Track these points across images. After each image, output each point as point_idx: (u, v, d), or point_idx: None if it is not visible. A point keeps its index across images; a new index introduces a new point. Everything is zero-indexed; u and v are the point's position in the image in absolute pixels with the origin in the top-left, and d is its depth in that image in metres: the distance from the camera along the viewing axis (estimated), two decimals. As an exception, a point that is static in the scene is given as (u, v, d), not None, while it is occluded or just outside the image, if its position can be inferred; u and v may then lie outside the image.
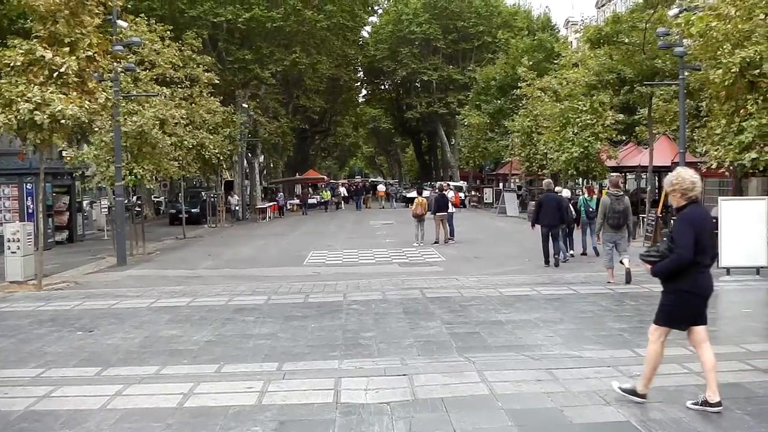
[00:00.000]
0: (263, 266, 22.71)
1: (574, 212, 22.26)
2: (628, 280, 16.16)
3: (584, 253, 22.84)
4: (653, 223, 24.97)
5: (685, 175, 7.38)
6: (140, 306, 14.87)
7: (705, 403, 7.30)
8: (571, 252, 22.41)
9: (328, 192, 65.06)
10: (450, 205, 29.38)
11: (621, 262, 16.55)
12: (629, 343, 10.33)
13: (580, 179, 36.96)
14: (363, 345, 10.79)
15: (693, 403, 7.39)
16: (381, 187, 76.46)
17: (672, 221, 10.33)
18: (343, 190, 72.95)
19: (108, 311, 14.40)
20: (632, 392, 7.65)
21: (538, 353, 9.96)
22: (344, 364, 9.60)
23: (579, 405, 7.57)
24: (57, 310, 14.65)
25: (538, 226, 20.48)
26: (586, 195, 24.45)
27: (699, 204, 7.51)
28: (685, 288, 7.31)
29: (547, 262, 20.29)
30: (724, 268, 17.23)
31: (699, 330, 7.50)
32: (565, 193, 24.50)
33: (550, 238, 20.37)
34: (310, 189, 69.22)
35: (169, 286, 18.27)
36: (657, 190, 34.44)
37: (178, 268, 22.77)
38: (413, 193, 52.44)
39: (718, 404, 7.22)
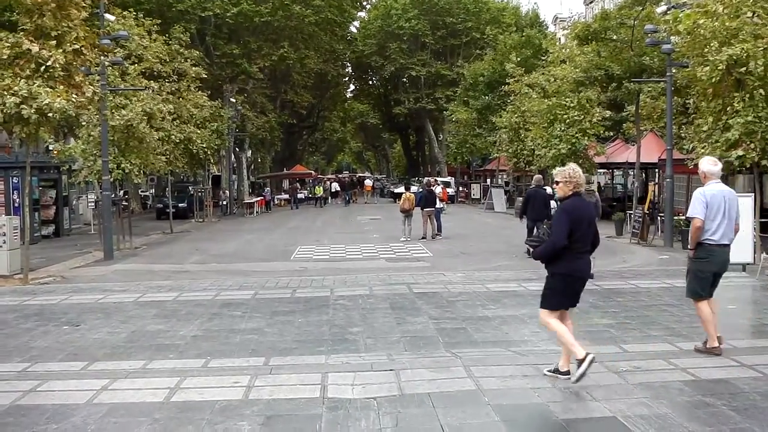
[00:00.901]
0: (250, 261, 22.69)
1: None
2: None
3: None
4: (640, 219, 25.05)
5: (579, 170, 8.19)
6: (127, 300, 14.83)
7: (556, 371, 8.29)
8: None
9: (321, 187, 64.90)
10: (438, 200, 29.41)
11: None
12: (615, 339, 10.36)
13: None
14: (350, 340, 10.79)
15: (547, 371, 8.40)
16: (368, 182, 76.53)
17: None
18: (335, 185, 72.77)
19: (94, 306, 14.36)
20: (556, 371, 8.32)
21: (525, 349, 9.98)
22: (331, 359, 9.60)
23: (565, 400, 7.60)
24: (43, 305, 14.59)
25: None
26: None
27: (581, 196, 8.17)
28: (562, 271, 8.10)
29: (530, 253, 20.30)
30: (711, 264, 17.29)
31: (566, 311, 8.39)
32: (550, 189, 24.67)
33: (535, 231, 20.39)
34: (297, 184, 69.10)
35: (156, 280, 18.22)
36: (644, 187, 34.57)
37: (165, 263, 22.72)
38: (401, 189, 52.45)
39: (567, 372, 8.13)
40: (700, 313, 9.31)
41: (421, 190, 30.92)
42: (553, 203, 22.37)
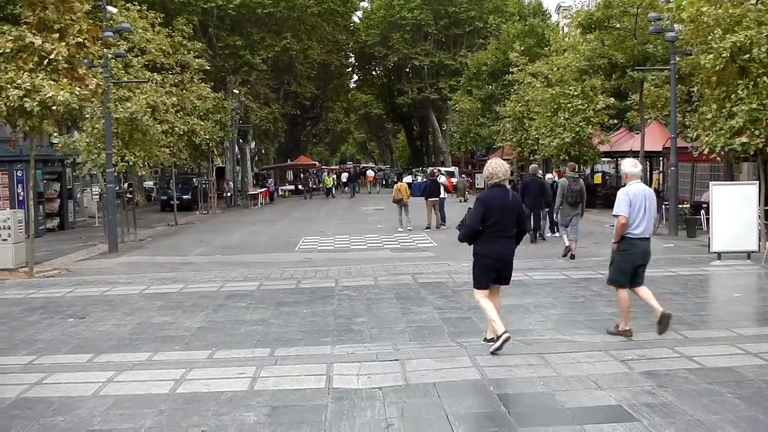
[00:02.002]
0: (255, 252, 22.71)
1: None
2: (571, 256, 18.44)
3: (551, 229, 24.20)
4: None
5: (500, 167, 9.20)
6: (132, 293, 14.86)
7: (485, 340, 9.42)
8: (556, 234, 23.14)
9: (330, 178, 64.74)
10: (442, 190, 29.39)
11: (573, 240, 18.96)
12: (620, 328, 10.34)
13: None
14: (355, 330, 10.79)
15: (484, 340, 9.50)
16: (370, 173, 76.48)
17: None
18: (344, 176, 72.70)
19: (100, 298, 14.38)
20: (486, 339, 9.38)
21: (530, 338, 9.98)
22: (336, 350, 9.61)
23: (570, 389, 7.60)
24: (48, 298, 14.63)
25: None
26: (556, 177, 26.10)
27: (501, 187, 9.15)
28: (478, 251, 9.21)
29: (533, 239, 22.54)
30: (715, 252, 17.29)
31: (495, 288, 9.39)
32: (549, 176, 26.39)
33: (533, 218, 22.56)
34: (309, 174, 69.25)
35: (160, 272, 18.25)
36: (649, 177, 34.53)
37: (169, 255, 22.75)
38: (407, 179, 52.40)
39: (493, 339, 9.12)
40: (619, 299, 10.05)
41: (425, 180, 30.96)
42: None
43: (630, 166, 10.26)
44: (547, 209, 23.33)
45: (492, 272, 9.23)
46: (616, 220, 9.91)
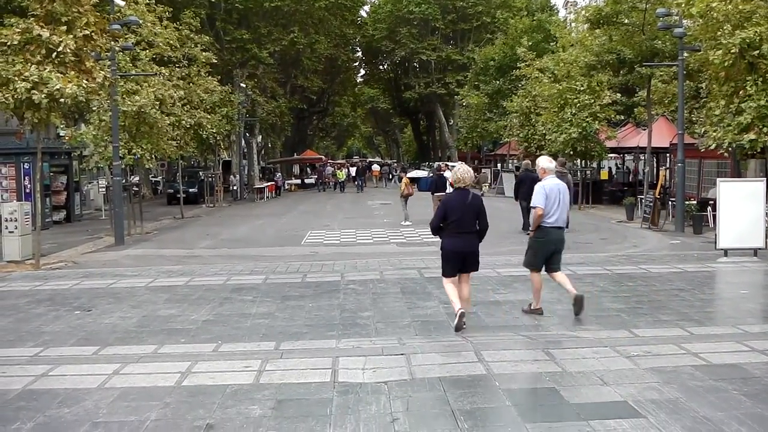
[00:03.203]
0: (261, 246, 22.72)
1: None
2: None
3: None
4: (651, 204, 24.97)
5: (465, 173, 10.41)
6: (138, 285, 14.87)
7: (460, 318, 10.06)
8: None
9: (343, 172, 64.72)
10: (449, 185, 29.39)
11: None
12: (627, 324, 10.34)
13: (579, 159, 36.93)
14: (360, 325, 10.80)
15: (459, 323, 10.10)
16: (375, 167, 76.57)
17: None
18: (353, 170, 72.75)
19: (106, 290, 14.40)
20: (455, 316, 10.11)
21: (536, 333, 9.98)
22: (342, 344, 9.62)
23: (576, 385, 7.59)
24: (55, 290, 14.65)
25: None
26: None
27: (464, 190, 10.35)
28: (442, 245, 10.53)
29: (525, 230, 23.02)
30: (722, 249, 17.26)
31: (464, 275, 10.53)
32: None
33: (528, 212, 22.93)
34: (323, 168, 69.57)
35: (166, 265, 18.27)
36: (655, 172, 34.48)
37: (175, 248, 22.77)
38: (413, 173, 52.43)
39: (462, 311, 10.03)
40: (532, 281, 11.36)
41: (431, 175, 30.96)
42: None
43: (546, 162, 11.41)
44: None
45: (456, 263, 10.42)
46: (533, 211, 11.03)
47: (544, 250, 11.14)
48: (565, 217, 11.20)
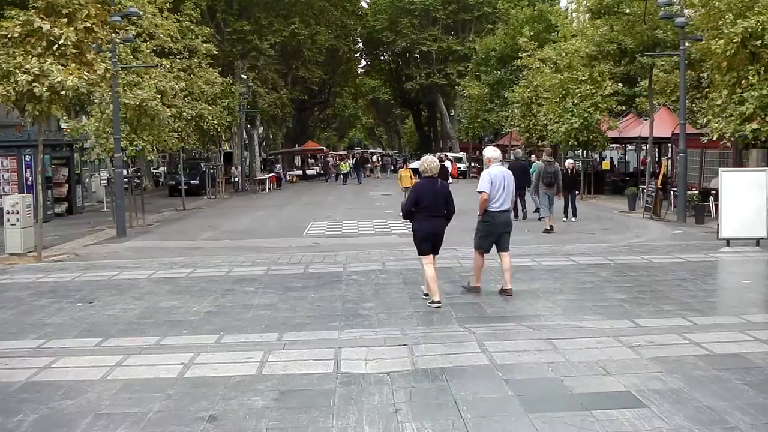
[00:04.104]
0: (263, 237, 22.72)
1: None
2: (550, 231, 21.38)
3: (536, 210, 25.11)
4: (653, 194, 24.94)
5: (431, 162, 11.51)
6: (140, 277, 14.88)
7: (432, 302, 11.10)
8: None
9: (346, 164, 64.70)
10: (449, 176, 29.42)
11: (549, 216, 22.02)
12: (629, 314, 10.33)
13: (581, 150, 36.90)
14: (363, 315, 10.80)
15: (430, 302, 11.21)
16: (374, 158, 76.69)
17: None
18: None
19: (108, 282, 14.41)
20: (432, 302, 11.11)
21: (538, 323, 9.97)
22: (344, 335, 9.62)
23: (579, 375, 7.59)
24: (57, 282, 14.66)
25: None
26: (537, 162, 26.90)
27: (432, 178, 11.38)
28: (413, 228, 11.51)
29: (515, 216, 23.52)
30: (724, 239, 17.24)
31: (431, 256, 11.36)
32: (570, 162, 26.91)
33: (518, 198, 24.19)
34: (330, 159, 69.78)
35: (168, 257, 18.27)
36: (657, 162, 34.43)
37: (177, 240, 22.78)
38: (415, 164, 52.32)
39: (438, 302, 11.06)
40: (475, 260, 12.44)
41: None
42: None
43: (491, 151, 12.62)
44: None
45: (427, 242, 11.33)
46: (480, 196, 11.97)
47: (492, 233, 12.11)
48: (509, 202, 12.32)
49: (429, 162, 11.55)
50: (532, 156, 27.20)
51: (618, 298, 11.52)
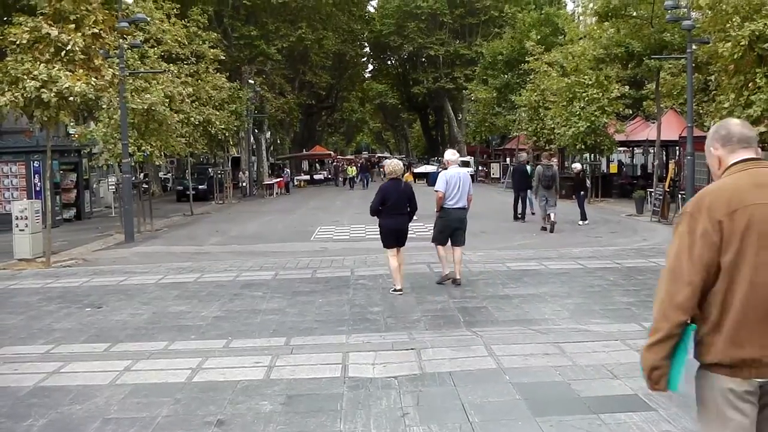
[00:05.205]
0: (270, 242, 22.73)
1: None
2: (551, 230, 22.25)
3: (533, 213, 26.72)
4: (661, 197, 24.90)
5: (396, 165, 12.93)
6: (148, 282, 14.91)
7: (395, 290, 12.57)
8: (533, 211, 26.74)
9: (353, 168, 64.79)
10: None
11: (548, 215, 22.68)
12: (637, 317, 10.32)
13: (588, 153, 36.88)
14: (370, 320, 10.81)
15: (392, 290, 12.62)
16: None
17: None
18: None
19: (116, 288, 14.44)
20: (395, 290, 12.57)
21: (546, 327, 9.97)
22: (352, 339, 9.64)
23: (587, 378, 7.59)
24: (65, 287, 14.70)
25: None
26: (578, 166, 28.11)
27: (396, 179, 12.74)
28: (381, 224, 12.78)
29: (515, 218, 26.48)
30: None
31: (396, 249, 12.68)
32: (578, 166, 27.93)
33: (520, 200, 26.36)
34: (342, 164, 70.04)
35: (176, 262, 18.29)
36: (665, 165, 34.37)
37: (185, 245, 22.82)
38: (421, 168, 52.30)
39: (400, 289, 12.56)
40: (437, 253, 13.65)
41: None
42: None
43: (449, 155, 14.14)
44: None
45: (392, 237, 12.66)
46: (435, 194, 13.37)
47: (447, 227, 13.36)
48: (465, 200, 13.36)
49: (393, 165, 13.03)
50: (554, 160, 27.76)
51: (626, 302, 11.51)
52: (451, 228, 13.32)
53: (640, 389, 7.09)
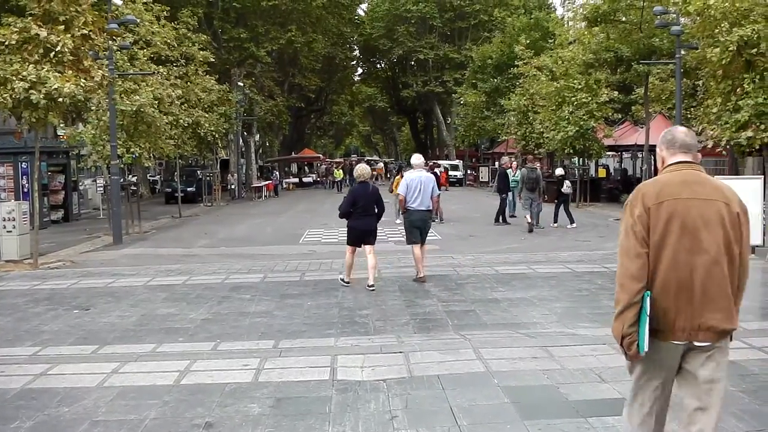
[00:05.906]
0: (259, 245, 22.72)
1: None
2: (530, 230, 23.43)
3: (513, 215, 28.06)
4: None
5: (363, 170, 14.03)
6: (136, 284, 14.87)
7: (369, 286, 13.26)
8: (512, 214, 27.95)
9: (340, 171, 64.77)
10: (439, 184, 29.66)
11: (529, 214, 23.88)
12: (625, 321, 10.32)
13: (577, 158, 36.97)
14: (359, 323, 10.81)
15: (368, 286, 13.34)
16: (380, 165, 77.04)
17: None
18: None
19: (104, 290, 14.40)
20: (343, 281, 13.76)
21: (534, 331, 9.99)
22: (340, 342, 9.63)
23: (575, 382, 7.60)
24: (53, 289, 14.65)
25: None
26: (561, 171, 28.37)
27: (365, 182, 13.80)
28: (348, 224, 13.87)
29: (495, 220, 26.97)
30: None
31: (366, 246, 13.71)
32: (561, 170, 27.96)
33: (500, 201, 27.19)
34: (332, 167, 70.09)
35: (165, 264, 18.26)
36: (654, 170, 34.47)
37: (174, 247, 22.77)
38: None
39: (372, 286, 13.26)
40: (413, 254, 14.36)
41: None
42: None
43: (414, 159, 15.11)
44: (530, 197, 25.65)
45: (358, 237, 13.69)
46: (397, 197, 14.86)
47: (412, 226, 14.24)
48: (428, 202, 14.25)
49: (362, 169, 14.08)
50: (537, 163, 28.44)
51: (613, 306, 11.52)
52: (416, 227, 14.22)
53: (628, 393, 7.12)
